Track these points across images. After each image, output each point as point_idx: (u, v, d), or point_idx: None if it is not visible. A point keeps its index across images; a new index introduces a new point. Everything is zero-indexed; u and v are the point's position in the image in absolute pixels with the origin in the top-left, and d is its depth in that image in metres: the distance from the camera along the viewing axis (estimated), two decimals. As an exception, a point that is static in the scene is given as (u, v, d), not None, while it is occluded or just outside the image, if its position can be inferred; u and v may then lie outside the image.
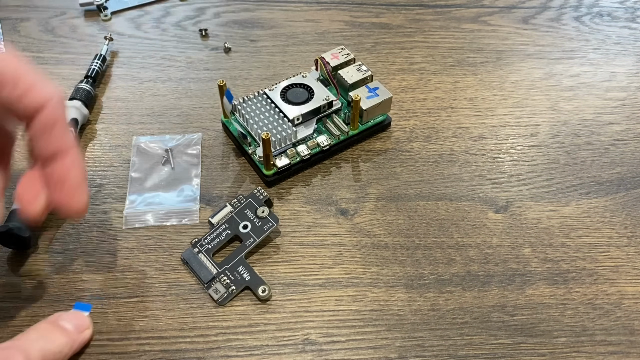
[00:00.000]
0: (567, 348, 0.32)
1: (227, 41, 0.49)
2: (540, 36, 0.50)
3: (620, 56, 0.48)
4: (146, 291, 0.34)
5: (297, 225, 0.37)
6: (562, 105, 0.45)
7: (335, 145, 0.40)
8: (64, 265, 0.35)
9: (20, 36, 0.49)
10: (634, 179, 0.40)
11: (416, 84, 0.46)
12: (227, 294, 0.34)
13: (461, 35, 0.50)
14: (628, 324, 0.33)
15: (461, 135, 0.42)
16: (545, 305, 0.34)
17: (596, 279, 0.35)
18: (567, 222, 0.38)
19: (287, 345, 0.32)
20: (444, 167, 0.41)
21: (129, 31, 0.50)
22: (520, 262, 0.36)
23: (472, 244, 0.37)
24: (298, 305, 0.34)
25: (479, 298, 0.34)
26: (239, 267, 0.35)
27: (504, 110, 0.44)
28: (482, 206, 0.38)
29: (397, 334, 0.33)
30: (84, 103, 0.42)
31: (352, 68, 0.42)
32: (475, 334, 0.33)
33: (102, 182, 0.39)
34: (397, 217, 0.38)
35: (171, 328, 0.33)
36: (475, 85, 0.46)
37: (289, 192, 0.39)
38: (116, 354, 0.32)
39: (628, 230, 0.38)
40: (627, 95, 0.46)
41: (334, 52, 0.42)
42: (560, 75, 0.47)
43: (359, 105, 0.39)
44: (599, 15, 0.52)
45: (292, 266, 0.35)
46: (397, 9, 0.52)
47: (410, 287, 0.35)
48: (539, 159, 0.41)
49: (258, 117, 0.39)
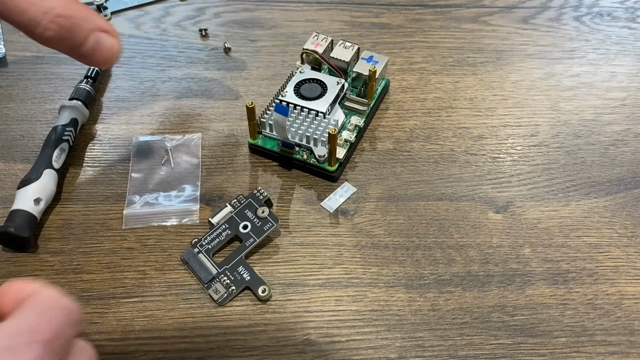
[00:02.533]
0: (567, 348, 0.32)
1: (227, 41, 0.49)
2: (540, 36, 0.50)
3: (621, 56, 0.48)
4: (146, 291, 0.34)
5: (297, 225, 0.37)
6: (562, 105, 0.45)
7: (365, 120, 0.42)
8: (64, 265, 0.35)
9: (20, 36, 0.49)
10: (634, 179, 0.40)
11: (416, 84, 0.46)
12: (227, 294, 0.34)
13: (461, 35, 0.50)
14: (628, 324, 0.33)
15: (461, 135, 0.42)
16: (546, 305, 0.34)
17: (596, 279, 0.35)
18: (567, 222, 0.38)
19: (286, 346, 0.32)
20: (444, 167, 0.41)
21: (129, 31, 0.50)
22: (520, 262, 0.36)
23: (472, 244, 0.37)
24: (298, 306, 0.34)
25: (479, 298, 0.34)
26: (238, 267, 0.35)
27: (504, 110, 0.44)
28: (482, 206, 0.38)
29: (397, 334, 0.33)
30: (84, 103, 0.42)
31: (339, 48, 0.43)
32: (475, 334, 0.33)
33: (102, 182, 0.39)
34: (397, 217, 0.38)
35: (171, 328, 0.33)
36: (475, 85, 0.46)
37: (289, 192, 0.39)
38: (116, 354, 0.32)
39: (628, 230, 0.38)
40: (627, 95, 0.46)
41: (313, 40, 0.43)
42: (560, 75, 0.47)
43: (375, 76, 0.40)
44: (599, 15, 0.52)
45: (292, 266, 0.35)
46: (397, 9, 0.52)
47: (410, 287, 0.35)
48: (539, 159, 0.41)
49: (292, 124, 0.39)
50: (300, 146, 0.39)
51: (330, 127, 0.36)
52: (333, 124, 0.39)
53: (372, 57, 0.43)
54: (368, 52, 0.43)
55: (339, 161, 0.39)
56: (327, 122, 0.39)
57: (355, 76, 0.42)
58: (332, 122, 0.39)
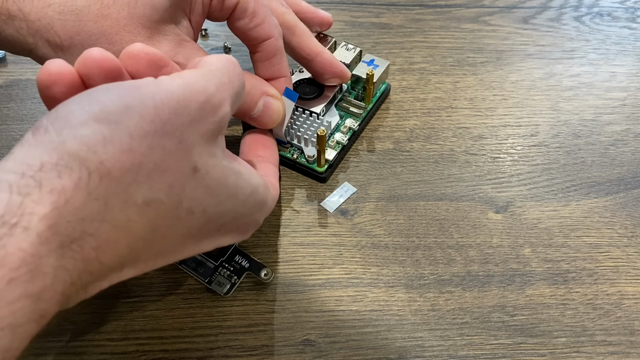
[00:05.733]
0: (567, 348, 0.32)
1: (227, 41, 0.49)
2: (540, 36, 0.50)
3: (621, 56, 0.48)
4: (146, 291, 0.34)
5: (297, 225, 0.37)
6: (562, 105, 0.45)
7: (360, 124, 0.41)
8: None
9: (20, 36, 0.49)
10: (634, 179, 0.40)
11: (416, 84, 0.46)
12: (231, 285, 0.34)
13: (461, 35, 0.50)
14: (628, 324, 0.33)
15: (461, 135, 0.42)
16: (545, 305, 0.34)
17: (596, 279, 0.35)
18: (567, 222, 0.38)
19: (286, 346, 0.32)
20: (444, 167, 0.41)
21: (129, 31, 0.50)
22: (520, 262, 0.36)
23: (472, 244, 0.37)
24: (298, 306, 0.34)
25: (479, 298, 0.34)
26: (235, 256, 0.35)
27: (504, 110, 0.44)
28: (482, 206, 0.38)
29: (397, 334, 0.33)
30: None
31: (341, 49, 0.43)
32: (475, 334, 0.33)
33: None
34: (397, 217, 0.38)
35: (171, 328, 0.33)
36: (475, 85, 0.46)
37: (289, 192, 0.39)
38: (116, 354, 0.32)
39: (628, 230, 0.38)
40: (627, 95, 0.46)
41: None
42: (560, 75, 0.47)
43: (373, 79, 0.40)
44: (599, 15, 0.52)
45: (292, 266, 0.35)
46: (397, 9, 0.52)
47: (410, 287, 0.35)
48: (539, 159, 0.41)
49: (286, 122, 0.39)
50: (292, 145, 0.39)
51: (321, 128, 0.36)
52: (325, 125, 0.39)
53: (373, 61, 0.43)
54: (370, 55, 0.43)
55: (329, 162, 0.39)
56: (320, 123, 0.39)
57: (354, 79, 0.42)
58: (324, 124, 0.39)
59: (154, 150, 0.22)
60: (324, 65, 0.38)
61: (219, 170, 0.25)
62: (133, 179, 0.21)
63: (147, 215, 0.22)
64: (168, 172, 0.22)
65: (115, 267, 0.22)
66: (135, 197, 0.21)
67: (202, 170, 0.24)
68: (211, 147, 0.24)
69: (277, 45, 0.34)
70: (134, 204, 0.21)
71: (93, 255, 0.21)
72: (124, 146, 0.21)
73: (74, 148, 0.20)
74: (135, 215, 0.22)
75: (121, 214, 0.21)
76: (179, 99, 0.22)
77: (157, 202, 0.22)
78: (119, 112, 0.21)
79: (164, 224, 0.23)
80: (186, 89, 0.23)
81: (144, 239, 0.23)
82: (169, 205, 0.23)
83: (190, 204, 0.24)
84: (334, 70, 0.38)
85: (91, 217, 0.20)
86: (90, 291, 0.22)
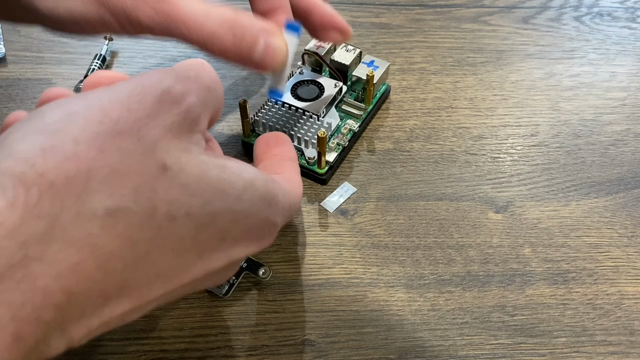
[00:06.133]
0: (567, 348, 0.32)
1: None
2: (540, 36, 0.50)
3: (621, 56, 0.48)
4: (146, 291, 0.34)
5: (297, 225, 0.37)
6: (562, 105, 0.45)
7: (360, 125, 0.41)
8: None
9: (20, 36, 0.49)
10: (634, 179, 0.40)
11: (416, 84, 0.46)
12: (230, 285, 0.34)
13: (461, 35, 0.50)
14: (628, 324, 0.33)
15: (461, 135, 0.42)
16: (545, 305, 0.34)
17: (596, 279, 0.35)
18: (567, 222, 0.38)
19: (286, 345, 0.32)
20: (444, 167, 0.41)
21: (129, 31, 0.50)
22: (520, 262, 0.36)
23: (472, 244, 0.37)
24: (298, 306, 0.34)
25: (479, 298, 0.34)
26: None
27: (504, 110, 0.44)
28: (482, 206, 0.38)
29: (397, 334, 0.33)
30: (83, 103, 0.42)
31: (341, 51, 0.43)
32: (475, 334, 0.33)
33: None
34: (397, 217, 0.38)
35: (171, 328, 0.33)
36: (475, 85, 0.46)
37: (289, 192, 0.39)
38: (116, 354, 0.32)
39: (628, 230, 0.38)
40: (627, 95, 0.46)
41: (316, 42, 0.43)
42: (560, 75, 0.47)
43: (373, 80, 0.40)
44: (599, 15, 0.52)
45: (292, 266, 0.35)
46: (397, 9, 0.52)
47: (410, 287, 0.35)
48: (539, 159, 0.41)
49: (286, 124, 0.39)
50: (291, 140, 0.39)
51: (321, 129, 0.36)
52: (325, 126, 0.39)
53: (373, 62, 0.43)
54: (370, 56, 0.43)
55: (329, 164, 0.39)
56: (320, 125, 0.39)
57: (354, 80, 0.42)
58: (324, 125, 0.39)
59: (107, 152, 0.19)
60: (323, 17, 0.34)
61: (195, 165, 0.22)
62: (83, 188, 0.18)
63: (115, 227, 0.19)
64: (130, 174, 0.20)
65: (94, 297, 0.19)
66: (93, 208, 0.19)
67: (173, 167, 0.21)
68: (182, 142, 0.21)
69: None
70: (93, 216, 0.19)
71: (49, 283, 0.18)
72: (67, 153, 0.19)
73: (7, 165, 0.18)
74: (97, 229, 0.19)
75: (77, 230, 0.18)
76: (130, 94, 0.21)
77: (123, 211, 0.19)
78: (60, 120, 0.19)
79: (143, 236, 0.20)
80: (138, 85, 0.21)
81: (122, 258, 0.20)
82: (140, 212, 0.20)
83: (168, 208, 0.20)
84: (335, 23, 0.34)
85: (34, 238, 0.17)
86: (75, 332, 0.20)
